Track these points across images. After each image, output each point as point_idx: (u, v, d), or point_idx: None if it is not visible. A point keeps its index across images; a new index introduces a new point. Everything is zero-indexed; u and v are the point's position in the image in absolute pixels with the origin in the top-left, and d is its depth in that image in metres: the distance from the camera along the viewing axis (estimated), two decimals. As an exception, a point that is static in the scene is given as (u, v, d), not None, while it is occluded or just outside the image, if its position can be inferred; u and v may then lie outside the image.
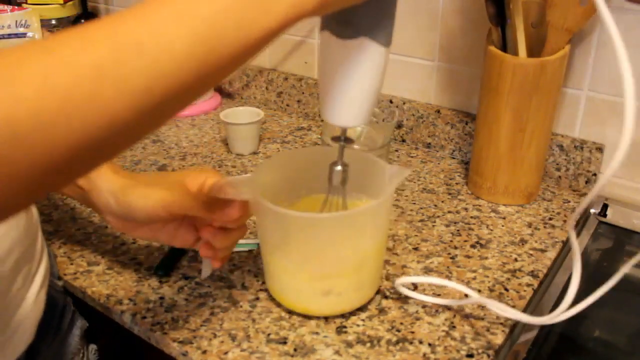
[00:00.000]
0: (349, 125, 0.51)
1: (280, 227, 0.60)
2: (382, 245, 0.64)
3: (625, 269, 0.61)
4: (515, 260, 0.73)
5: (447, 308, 0.64)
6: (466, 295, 0.64)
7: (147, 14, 0.34)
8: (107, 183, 0.58)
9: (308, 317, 0.63)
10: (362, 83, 0.47)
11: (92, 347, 0.71)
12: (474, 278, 0.69)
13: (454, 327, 0.62)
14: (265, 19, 0.36)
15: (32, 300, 0.58)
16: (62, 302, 0.67)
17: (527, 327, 0.64)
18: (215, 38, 0.35)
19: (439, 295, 0.66)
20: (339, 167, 0.56)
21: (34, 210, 0.62)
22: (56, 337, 0.64)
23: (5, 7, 1.08)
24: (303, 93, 1.14)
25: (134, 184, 0.57)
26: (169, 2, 0.35)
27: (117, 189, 0.57)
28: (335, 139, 0.55)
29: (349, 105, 0.48)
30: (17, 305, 0.56)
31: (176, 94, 0.34)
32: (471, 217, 0.82)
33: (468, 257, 0.73)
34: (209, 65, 0.35)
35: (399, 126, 1.03)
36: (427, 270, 0.70)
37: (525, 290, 0.67)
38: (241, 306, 0.64)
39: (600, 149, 0.85)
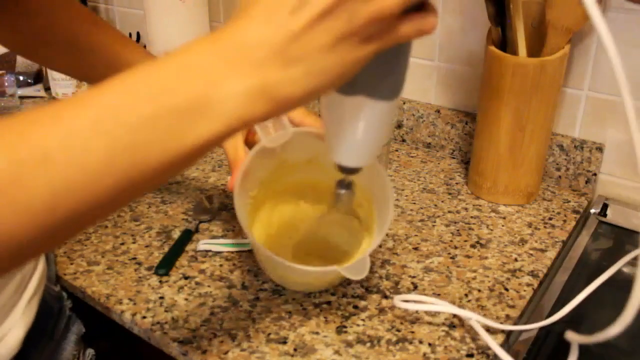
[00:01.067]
0: (350, 165, 0.49)
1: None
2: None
3: (614, 268, 0.61)
4: (515, 260, 0.73)
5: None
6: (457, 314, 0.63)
7: (62, 118, 0.30)
8: None
9: (308, 317, 0.63)
10: (362, 133, 0.45)
11: (90, 351, 0.70)
12: (474, 278, 0.69)
13: (454, 327, 0.62)
14: (203, 127, 0.32)
15: (23, 308, 0.57)
16: (58, 307, 0.67)
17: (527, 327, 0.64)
18: (140, 149, 0.30)
19: (438, 295, 0.66)
20: (342, 191, 0.54)
21: None
22: (49, 343, 0.63)
23: (5, 7, 1.08)
24: (303, 93, 1.14)
25: None
26: (88, 105, 0.30)
27: None
28: (340, 183, 0.54)
29: (351, 149, 0.47)
30: (7, 313, 0.55)
31: (89, 209, 0.30)
32: (471, 217, 0.82)
33: (468, 257, 0.73)
34: (131, 178, 0.31)
35: (399, 126, 1.03)
36: (427, 270, 0.70)
37: (525, 290, 0.67)
38: (241, 306, 0.64)
39: (600, 149, 0.85)
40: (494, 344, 0.58)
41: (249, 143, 0.66)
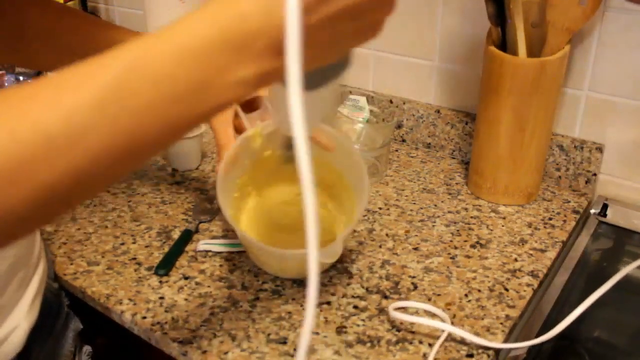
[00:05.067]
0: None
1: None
2: None
3: (612, 281, 0.61)
4: (515, 260, 0.73)
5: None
6: (448, 329, 0.63)
7: (62, 96, 0.30)
8: None
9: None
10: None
11: (86, 348, 0.70)
12: (474, 278, 0.69)
13: (454, 327, 0.62)
14: (199, 111, 0.33)
15: (27, 307, 0.56)
16: (57, 303, 0.67)
17: (527, 326, 0.64)
18: (138, 131, 0.31)
19: (439, 295, 0.66)
20: (291, 152, 0.55)
21: None
22: (49, 338, 0.63)
23: (5, 7, 1.08)
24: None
25: None
26: (90, 84, 0.31)
27: None
28: (287, 146, 0.55)
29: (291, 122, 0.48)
30: (10, 311, 0.55)
31: (87, 187, 0.32)
32: (471, 217, 0.82)
33: (468, 257, 0.73)
34: (127, 159, 0.32)
35: (399, 126, 1.03)
36: (427, 270, 0.70)
37: (525, 290, 0.67)
38: (241, 306, 0.64)
39: (600, 149, 0.85)
40: (494, 344, 0.58)
41: (238, 130, 0.68)
